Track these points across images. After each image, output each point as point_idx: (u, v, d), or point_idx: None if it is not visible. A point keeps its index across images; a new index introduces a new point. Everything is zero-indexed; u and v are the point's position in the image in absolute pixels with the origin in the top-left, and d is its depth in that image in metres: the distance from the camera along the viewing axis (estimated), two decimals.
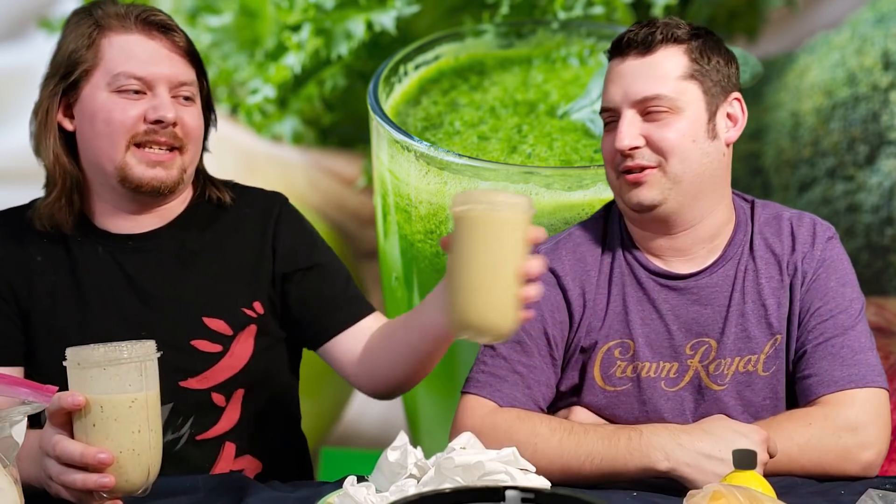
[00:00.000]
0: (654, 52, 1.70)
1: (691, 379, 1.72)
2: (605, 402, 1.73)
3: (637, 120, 1.69)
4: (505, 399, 1.70)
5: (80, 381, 1.38)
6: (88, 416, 1.37)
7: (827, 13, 3.13)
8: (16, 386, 1.35)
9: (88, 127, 1.72)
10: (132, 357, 1.38)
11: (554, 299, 1.74)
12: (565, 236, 1.81)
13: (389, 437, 1.49)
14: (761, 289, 1.73)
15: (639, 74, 1.69)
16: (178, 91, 1.74)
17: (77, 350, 1.39)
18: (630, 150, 1.68)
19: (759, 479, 1.43)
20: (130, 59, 1.71)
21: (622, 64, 1.71)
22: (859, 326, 1.70)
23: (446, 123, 2.41)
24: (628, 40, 1.71)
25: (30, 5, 3.15)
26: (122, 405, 1.37)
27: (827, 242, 1.74)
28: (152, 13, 1.76)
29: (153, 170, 1.71)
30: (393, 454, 1.44)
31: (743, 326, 1.72)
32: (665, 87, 1.68)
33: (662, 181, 1.68)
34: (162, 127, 1.70)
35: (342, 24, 2.61)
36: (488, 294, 1.37)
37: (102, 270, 1.75)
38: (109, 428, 1.37)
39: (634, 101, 1.68)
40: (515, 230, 1.38)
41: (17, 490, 1.31)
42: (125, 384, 1.37)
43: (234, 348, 1.76)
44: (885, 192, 2.69)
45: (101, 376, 1.36)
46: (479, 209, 1.36)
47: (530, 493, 1.12)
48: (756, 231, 1.76)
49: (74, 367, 1.38)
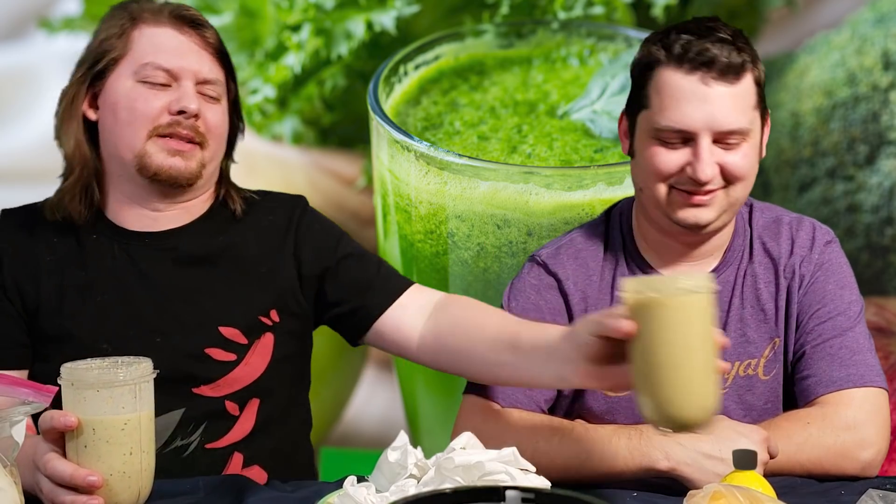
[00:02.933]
0: (741, 80, 1.63)
1: None
2: (606, 408, 1.73)
3: (714, 149, 1.64)
4: (506, 400, 1.70)
5: (73, 400, 1.37)
6: (80, 437, 1.36)
7: (827, 13, 3.13)
8: (16, 386, 1.35)
9: (111, 115, 1.72)
10: (127, 380, 1.37)
11: (556, 304, 1.74)
12: (567, 241, 1.80)
13: (389, 437, 1.49)
14: (759, 293, 1.73)
15: (728, 105, 1.61)
16: (204, 88, 1.74)
17: (72, 368, 1.38)
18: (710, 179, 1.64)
19: (759, 479, 1.43)
20: (159, 50, 1.71)
21: (705, 87, 1.62)
22: (858, 328, 1.71)
23: (446, 123, 2.41)
24: (712, 59, 1.61)
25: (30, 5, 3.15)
26: (115, 427, 1.36)
27: (825, 246, 1.74)
28: (185, 8, 1.77)
29: (172, 158, 1.70)
30: (393, 454, 1.44)
31: (742, 331, 1.72)
32: (746, 120, 1.63)
33: (723, 203, 1.66)
34: (185, 118, 1.70)
35: (342, 24, 2.61)
36: (692, 384, 1.30)
37: (117, 268, 1.73)
38: (101, 450, 1.36)
39: (720, 132, 1.62)
40: (710, 310, 1.32)
41: (17, 490, 1.31)
42: (118, 406, 1.36)
43: (249, 358, 1.73)
44: (885, 192, 2.69)
45: (95, 398, 1.35)
46: (677, 297, 1.29)
47: (530, 493, 1.12)
48: (755, 236, 1.75)
49: (68, 386, 1.37)
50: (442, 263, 2.31)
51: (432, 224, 2.29)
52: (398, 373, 2.69)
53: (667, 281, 1.35)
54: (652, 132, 1.66)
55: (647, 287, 1.31)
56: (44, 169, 1.79)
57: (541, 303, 1.74)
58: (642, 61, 1.68)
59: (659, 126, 1.64)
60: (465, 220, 2.25)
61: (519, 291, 1.76)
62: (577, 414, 1.75)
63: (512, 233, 2.23)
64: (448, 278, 2.32)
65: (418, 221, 2.31)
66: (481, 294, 2.29)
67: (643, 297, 1.30)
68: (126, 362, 1.40)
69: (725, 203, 1.67)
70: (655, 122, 1.65)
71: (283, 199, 1.87)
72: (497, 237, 2.24)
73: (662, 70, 1.64)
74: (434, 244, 2.30)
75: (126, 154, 1.71)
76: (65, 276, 1.72)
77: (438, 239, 2.30)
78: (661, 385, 1.30)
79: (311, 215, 1.85)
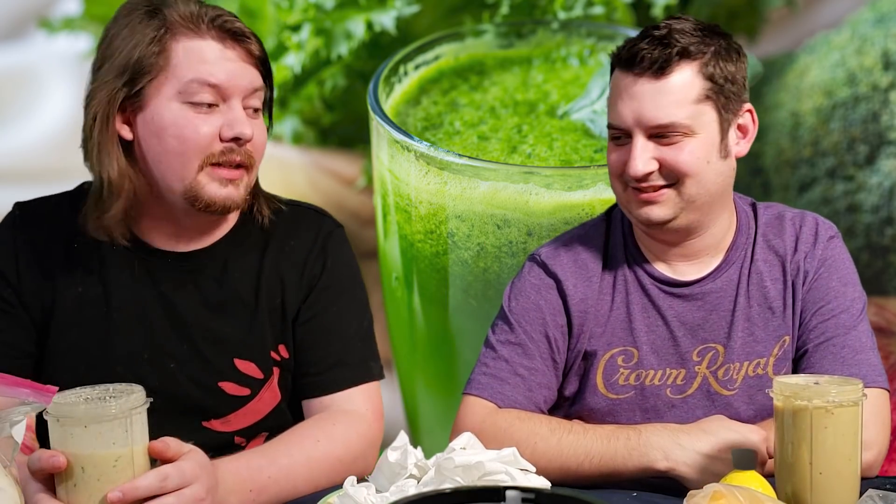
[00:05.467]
0: (669, 74, 1.63)
1: (700, 385, 1.71)
2: (607, 409, 1.73)
3: (649, 144, 1.64)
4: (506, 401, 1.70)
5: (60, 436, 1.29)
6: (70, 475, 1.29)
7: (827, 13, 3.13)
8: (16, 386, 1.35)
9: (156, 141, 1.58)
10: (117, 413, 1.28)
11: (555, 304, 1.74)
12: (565, 241, 1.80)
13: (389, 437, 1.49)
14: (766, 291, 1.72)
15: (653, 100, 1.63)
16: (248, 101, 1.61)
17: (59, 403, 1.29)
18: (644, 175, 1.64)
19: (759, 479, 1.43)
20: (204, 65, 1.57)
21: (634, 85, 1.64)
22: (861, 326, 1.70)
23: (446, 123, 2.41)
24: (641, 57, 1.64)
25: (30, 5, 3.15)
26: (106, 464, 1.29)
27: (829, 241, 1.74)
28: (227, 18, 1.61)
29: (225, 189, 1.59)
30: (393, 454, 1.44)
31: (750, 330, 1.71)
32: (680, 114, 1.63)
33: (676, 200, 1.66)
34: (239, 145, 1.59)
35: (342, 24, 2.61)
36: (845, 484, 1.42)
37: (136, 286, 1.64)
38: (92, 488, 1.28)
39: (648, 127, 1.64)
40: (861, 418, 1.43)
41: (17, 490, 1.31)
42: (109, 442, 1.28)
43: (263, 394, 1.67)
44: (885, 192, 2.69)
45: (83, 434, 1.28)
46: (844, 408, 1.40)
47: (530, 494, 1.12)
48: (759, 233, 1.75)
49: (55, 422, 1.29)
50: (442, 263, 2.31)
51: (432, 224, 2.29)
52: (398, 373, 2.69)
53: (820, 390, 1.42)
54: (608, 132, 1.71)
55: (800, 393, 1.41)
56: (44, 169, 1.77)
57: (541, 302, 1.74)
58: (611, 65, 1.72)
59: (608, 124, 1.70)
60: (465, 220, 2.25)
61: (519, 291, 1.77)
62: (577, 414, 1.75)
63: (512, 233, 2.23)
64: (448, 278, 2.32)
65: (418, 221, 2.31)
66: (481, 294, 2.29)
67: (803, 403, 1.40)
68: (118, 391, 1.32)
69: (680, 201, 1.66)
70: (608, 121, 1.71)
71: (310, 219, 1.76)
72: (497, 237, 2.24)
73: (614, 72, 1.70)
74: (434, 244, 2.30)
75: (175, 184, 1.59)
76: (82, 286, 1.64)
77: (438, 239, 2.30)
78: (814, 488, 1.41)
79: (332, 247, 1.74)
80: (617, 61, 1.68)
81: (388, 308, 2.58)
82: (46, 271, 1.64)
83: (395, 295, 2.49)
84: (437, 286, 2.34)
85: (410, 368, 2.58)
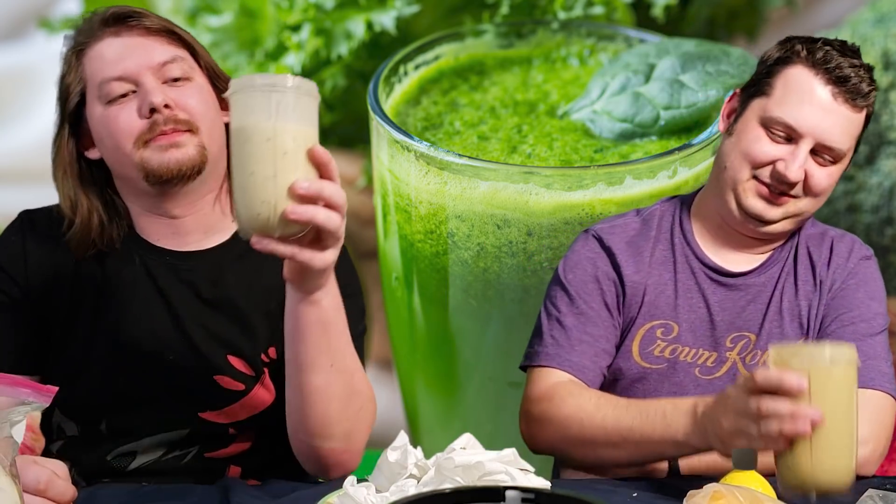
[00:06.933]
0: (862, 110, 1.72)
1: (729, 369, 1.76)
2: (637, 376, 1.77)
3: (808, 157, 1.70)
4: (573, 367, 1.74)
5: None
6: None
7: (827, 13, 3.13)
8: (16, 386, 1.35)
9: (101, 147, 1.68)
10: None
11: (610, 275, 1.78)
12: (619, 220, 1.84)
13: (389, 437, 1.49)
14: (798, 290, 1.77)
15: (840, 125, 1.70)
16: (163, 73, 1.65)
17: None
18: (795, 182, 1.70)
19: (759, 479, 1.43)
20: (105, 64, 1.65)
21: (830, 100, 1.69)
22: (878, 338, 1.74)
23: (446, 123, 2.41)
24: (852, 85, 1.69)
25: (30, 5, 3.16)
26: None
27: (861, 260, 1.79)
28: (115, 10, 1.68)
29: (167, 153, 1.63)
30: (393, 454, 1.45)
31: (779, 323, 1.76)
32: (847, 144, 1.71)
33: (790, 208, 1.72)
34: (158, 114, 1.62)
35: (342, 24, 2.61)
36: (840, 452, 1.42)
37: (136, 280, 1.69)
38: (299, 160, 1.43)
39: (820, 142, 1.69)
40: (856, 380, 1.44)
41: (18, 489, 1.31)
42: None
43: (257, 390, 1.70)
44: (885, 192, 2.69)
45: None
46: (839, 367, 1.42)
47: (530, 494, 1.12)
48: (801, 240, 1.80)
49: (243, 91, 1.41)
50: (442, 263, 2.31)
51: (432, 224, 2.29)
52: (398, 373, 2.70)
53: (814, 352, 1.44)
54: (762, 119, 1.71)
55: (795, 356, 1.42)
56: (44, 169, 1.77)
57: (598, 273, 1.78)
58: (780, 55, 1.73)
59: (772, 115, 1.70)
60: (465, 220, 2.25)
61: (575, 264, 1.80)
62: (611, 376, 1.79)
63: (512, 233, 2.23)
64: (448, 278, 2.32)
65: (418, 221, 2.31)
66: (481, 294, 2.29)
67: (799, 367, 1.41)
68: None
69: (793, 209, 1.72)
70: (770, 110, 1.71)
71: None
72: (497, 237, 2.24)
73: (799, 68, 1.71)
74: (434, 244, 2.31)
75: (130, 172, 1.66)
76: (87, 282, 1.68)
77: (438, 239, 2.30)
78: (814, 450, 1.40)
79: None
80: (816, 63, 1.70)
81: (388, 308, 2.58)
82: (54, 272, 1.68)
83: (395, 295, 2.49)
84: (437, 286, 2.34)
85: (410, 368, 2.58)
